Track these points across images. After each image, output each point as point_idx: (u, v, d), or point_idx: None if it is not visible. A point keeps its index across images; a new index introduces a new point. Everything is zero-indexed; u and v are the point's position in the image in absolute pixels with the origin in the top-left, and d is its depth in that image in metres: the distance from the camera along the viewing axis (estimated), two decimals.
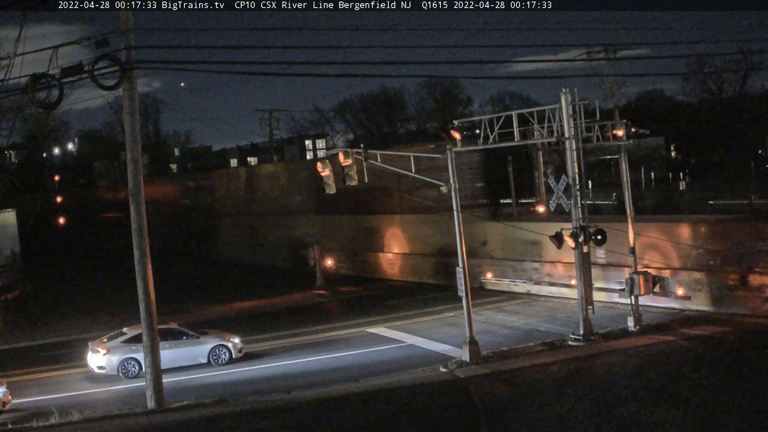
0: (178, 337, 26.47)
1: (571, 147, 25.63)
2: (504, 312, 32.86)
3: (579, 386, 20.49)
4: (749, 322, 26.88)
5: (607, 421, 17.66)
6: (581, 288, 25.73)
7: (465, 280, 24.73)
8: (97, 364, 25.53)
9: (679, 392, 19.34)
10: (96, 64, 19.00)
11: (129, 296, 28.51)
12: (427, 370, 24.08)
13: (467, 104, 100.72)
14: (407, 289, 40.66)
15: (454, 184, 25.04)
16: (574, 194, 25.52)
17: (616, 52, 48.88)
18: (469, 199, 36.80)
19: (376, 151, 27.63)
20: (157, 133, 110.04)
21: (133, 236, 21.04)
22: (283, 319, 35.15)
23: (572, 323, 27.52)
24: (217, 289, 45.43)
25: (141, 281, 20.96)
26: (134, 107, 20.90)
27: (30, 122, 45.14)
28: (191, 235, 66.90)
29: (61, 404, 21.92)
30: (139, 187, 20.96)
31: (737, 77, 77.38)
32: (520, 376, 22.18)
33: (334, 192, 27.65)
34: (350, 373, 24.35)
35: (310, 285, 42.94)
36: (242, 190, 60.88)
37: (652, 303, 29.47)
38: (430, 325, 31.38)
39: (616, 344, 25.09)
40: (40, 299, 43.69)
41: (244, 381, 24.61)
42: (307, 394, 21.96)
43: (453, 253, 27.07)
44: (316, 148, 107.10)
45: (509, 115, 26.97)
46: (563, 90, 25.67)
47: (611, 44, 48.98)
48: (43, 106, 20.37)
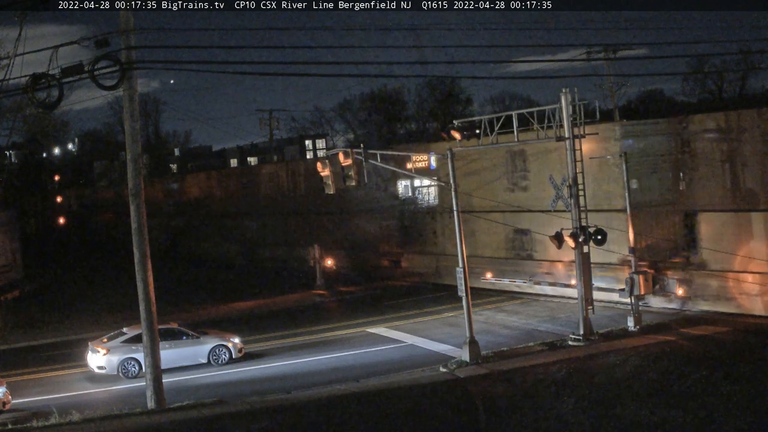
0: (178, 337, 26.47)
1: (572, 147, 25.64)
2: (504, 312, 32.87)
3: (579, 386, 20.49)
4: (749, 322, 26.88)
5: (607, 421, 17.68)
6: (581, 288, 25.73)
7: (465, 280, 24.73)
8: (97, 364, 25.54)
9: (679, 392, 19.34)
10: (96, 64, 18.98)
11: (129, 296, 28.56)
12: (427, 370, 24.08)
13: (467, 104, 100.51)
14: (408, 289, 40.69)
15: (453, 184, 25.05)
16: (574, 194, 25.53)
17: (616, 52, 48.93)
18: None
19: (376, 151, 27.66)
20: (157, 133, 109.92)
21: (133, 236, 21.03)
22: (283, 319, 35.14)
23: (572, 323, 27.53)
24: (217, 289, 45.45)
25: (141, 281, 20.95)
26: (134, 107, 20.91)
27: (30, 122, 45.18)
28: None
29: (61, 404, 21.93)
30: (139, 187, 20.96)
31: (737, 77, 77.36)
32: (520, 376, 22.18)
33: (333, 192, 27.65)
34: (350, 373, 24.35)
35: (310, 285, 42.94)
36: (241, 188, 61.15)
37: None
38: (430, 325, 31.38)
39: (616, 344, 25.09)
40: (40, 299, 43.72)
41: (244, 381, 24.62)
42: (307, 394, 21.96)
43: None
44: (316, 148, 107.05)
45: (509, 115, 27.00)
46: (563, 90, 25.68)
47: (611, 44, 49.06)
48: (43, 106, 20.34)
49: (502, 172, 36.46)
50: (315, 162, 36.08)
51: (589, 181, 27.33)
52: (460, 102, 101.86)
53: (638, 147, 30.33)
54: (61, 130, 70.09)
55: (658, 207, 30.22)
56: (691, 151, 29.00)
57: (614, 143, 30.92)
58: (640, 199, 29.65)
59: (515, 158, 35.79)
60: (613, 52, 48.88)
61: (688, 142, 29.07)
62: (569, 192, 25.52)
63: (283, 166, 58.87)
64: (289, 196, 54.34)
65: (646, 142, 30.35)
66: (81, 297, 43.96)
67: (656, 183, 30.15)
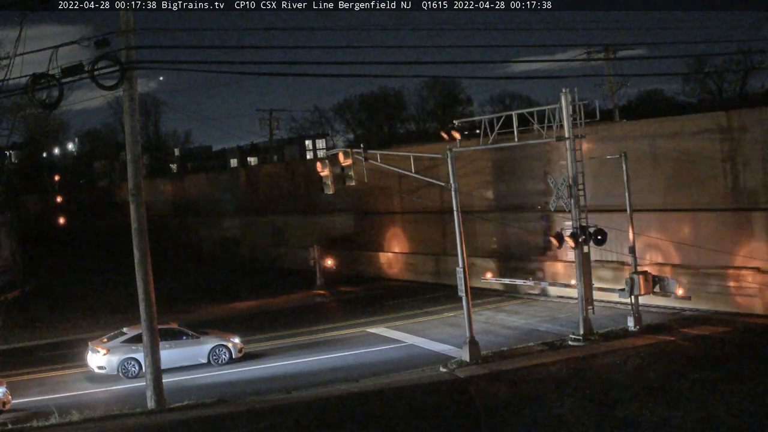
0: (178, 337, 26.47)
1: (572, 147, 25.64)
2: (504, 312, 32.86)
3: (579, 386, 20.47)
4: (749, 322, 26.86)
5: (607, 421, 17.65)
6: (581, 288, 25.73)
7: (465, 280, 24.72)
8: (97, 364, 25.54)
9: (679, 392, 19.33)
10: (96, 64, 19.00)
11: (129, 296, 28.57)
12: (427, 370, 24.07)
13: (467, 104, 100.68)
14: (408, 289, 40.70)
15: (453, 184, 25.04)
16: (574, 194, 25.52)
17: (616, 52, 49.00)
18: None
19: (376, 151, 27.67)
20: (157, 133, 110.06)
21: (133, 236, 21.04)
22: (283, 319, 35.15)
23: (572, 323, 27.53)
24: (217, 289, 45.46)
25: (141, 281, 20.96)
26: (134, 107, 20.91)
27: (30, 122, 45.16)
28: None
29: (61, 404, 21.93)
30: (139, 187, 20.97)
31: (737, 77, 77.37)
32: (520, 376, 22.17)
33: (333, 192, 27.64)
34: (350, 373, 24.34)
35: (310, 285, 42.93)
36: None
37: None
38: (430, 325, 31.38)
39: (616, 344, 25.09)
40: (40, 299, 43.73)
41: (244, 381, 24.61)
42: (307, 394, 21.96)
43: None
44: (316, 148, 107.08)
45: (509, 115, 26.98)
46: (563, 90, 25.68)
47: (611, 44, 49.14)
48: (43, 106, 20.40)
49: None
50: (315, 162, 36.08)
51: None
52: (460, 102, 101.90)
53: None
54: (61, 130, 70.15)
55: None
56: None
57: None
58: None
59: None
60: (613, 52, 48.97)
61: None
62: (569, 192, 25.52)
63: (283, 166, 58.90)
64: (290, 196, 54.39)
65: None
66: (81, 297, 43.98)
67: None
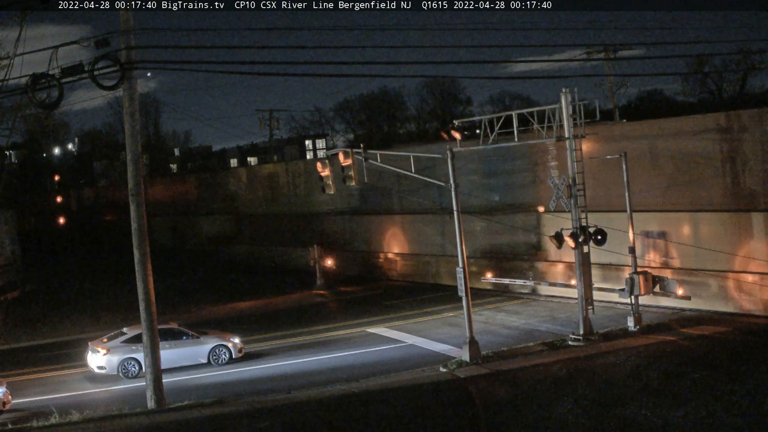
0: (178, 337, 26.47)
1: (572, 147, 25.63)
2: (504, 312, 32.86)
3: (579, 386, 20.48)
4: (749, 322, 26.86)
5: (607, 421, 17.66)
6: (581, 288, 25.72)
7: (465, 280, 24.72)
8: (97, 364, 25.54)
9: (679, 392, 19.33)
10: (96, 64, 19.00)
11: (129, 296, 28.56)
12: (427, 370, 24.08)
13: (467, 104, 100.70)
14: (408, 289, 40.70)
15: (453, 183, 25.04)
16: (574, 194, 25.52)
17: (616, 52, 48.96)
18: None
19: (376, 151, 27.66)
20: (157, 133, 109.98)
21: (133, 236, 21.03)
22: (283, 319, 35.14)
23: (572, 323, 27.52)
24: (217, 289, 45.44)
25: (141, 281, 20.96)
26: (134, 107, 20.91)
27: (30, 122, 45.17)
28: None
29: (61, 404, 21.94)
30: (139, 187, 20.97)
31: (737, 77, 77.33)
32: (520, 376, 22.18)
33: (333, 192, 27.62)
34: (350, 373, 24.34)
35: (310, 285, 42.93)
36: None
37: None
38: (430, 325, 31.38)
39: (616, 344, 25.09)
40: (40, 299, 43.71)
41: (244, 381, 24.61)
42: (307, 394, 21.96)
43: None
44: (316, 148, 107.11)
45: (509, 115, 26.97)
46: (563, 90, 25.66)
47: (611, 44, 49.12)
48: (43, 106, 20.36)
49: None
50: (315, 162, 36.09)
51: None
52: (460, 102, 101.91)
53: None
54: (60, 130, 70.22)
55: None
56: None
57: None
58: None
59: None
60: (613, 52, 48.93)
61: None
62: (569, 192, 25.52)
63: (282, 166, 58.90)
64: (290, 195, 54.37)
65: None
66: (81, 297, 43.96)
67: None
